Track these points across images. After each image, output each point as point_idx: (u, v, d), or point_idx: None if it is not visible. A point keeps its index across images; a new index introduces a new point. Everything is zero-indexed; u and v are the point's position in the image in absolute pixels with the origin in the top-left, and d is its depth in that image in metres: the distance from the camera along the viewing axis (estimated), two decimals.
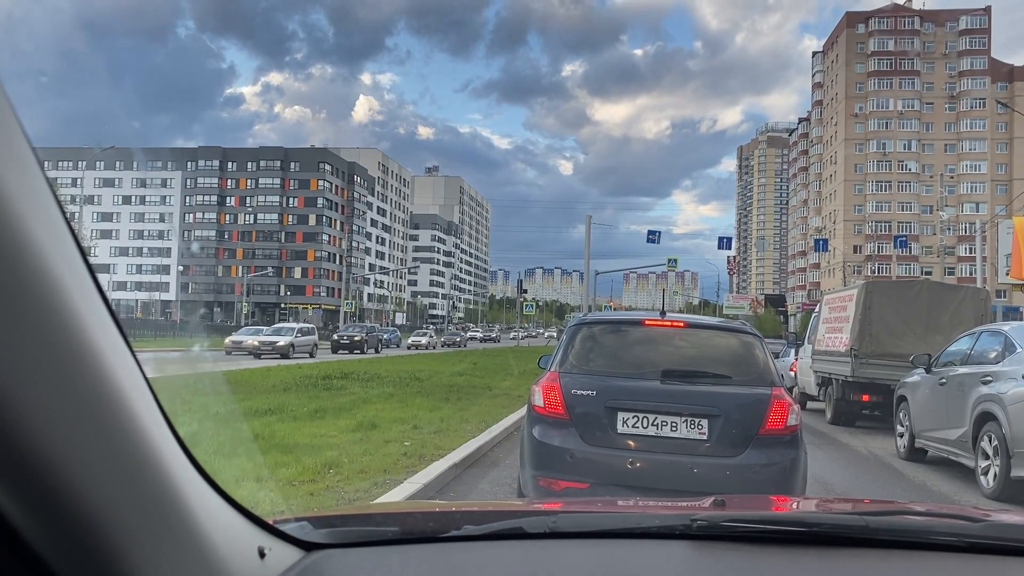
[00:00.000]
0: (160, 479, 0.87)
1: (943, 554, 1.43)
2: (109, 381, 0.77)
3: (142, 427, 0.83)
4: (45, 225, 0.68)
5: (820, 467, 8.98)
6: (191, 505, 0.93)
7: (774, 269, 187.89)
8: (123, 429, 0.80)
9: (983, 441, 8.12)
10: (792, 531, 1.46)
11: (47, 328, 0.69)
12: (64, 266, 0.71)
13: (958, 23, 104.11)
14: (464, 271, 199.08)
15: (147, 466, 0.84)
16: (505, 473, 7.93)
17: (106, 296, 0.80)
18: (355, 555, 1.36)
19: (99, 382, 0.76)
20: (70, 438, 0.73)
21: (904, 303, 13.96)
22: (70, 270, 0.72)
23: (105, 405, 0.77)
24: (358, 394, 14.67)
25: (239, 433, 8.95)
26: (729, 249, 51.92)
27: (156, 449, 0.86)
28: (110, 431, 0.79)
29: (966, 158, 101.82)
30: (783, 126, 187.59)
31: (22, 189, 0.65)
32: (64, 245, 0.72)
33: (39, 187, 0.69)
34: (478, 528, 1.49)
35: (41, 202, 0.68)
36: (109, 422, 0.78)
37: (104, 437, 0.78)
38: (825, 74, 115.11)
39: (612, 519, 1.66)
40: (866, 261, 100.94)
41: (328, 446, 8.45)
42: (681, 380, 5.12)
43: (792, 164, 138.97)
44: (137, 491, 0.84)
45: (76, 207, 61.53)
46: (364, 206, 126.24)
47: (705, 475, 4.80)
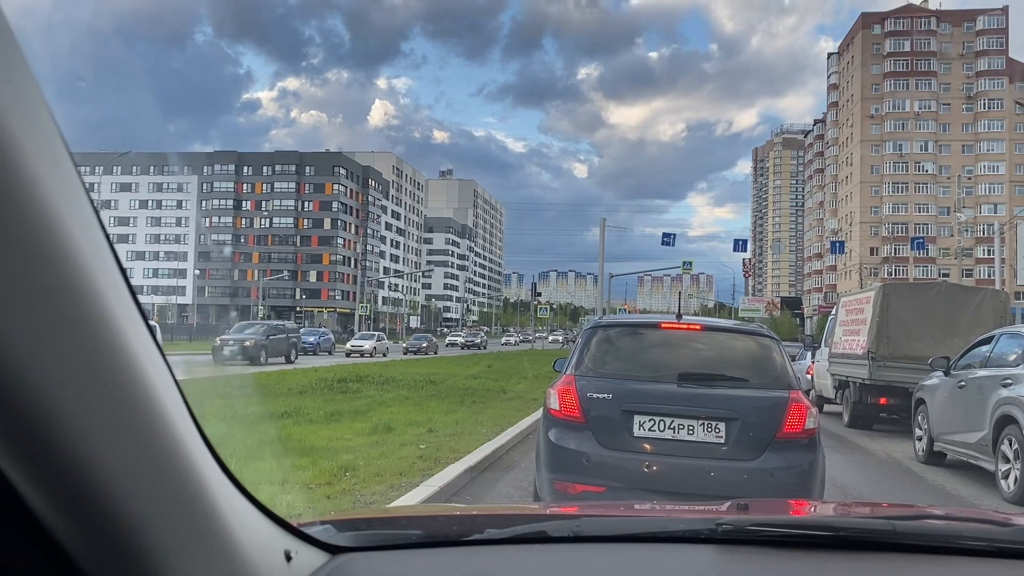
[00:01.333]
0: (190, 481, 0.87)
1: (971, 559, 1.42)
2: (143, 384, 0.78)
3: (174, 430, 0.84)
4: (83, 229, 0.69)
5: (838, 471, 8.93)
6: (220, 507, 0.93)
7: (790, 271, 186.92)
8: (156, 431, 0.81)
9: (1003, 444, 8.04)
10: (818, 535, 1.45)
11: (85, 331, 0.70)
12: (100, 270, 0.71)
13: (975, 23, 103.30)
14: (478, 274, 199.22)
15: (178, 468, 0.85)
16: (521, 476, 7.93)
17: (138, 300, 0.81)
18: (380, 559, 1.36)
19: (134, 384, 0.76)
20: (105, 440, 0.74)
21: (922, 305, 13.85)
22: (106, 274, 0.73)
23: (139, 408, 0.78)
24: (373, 397, 14.72)
25: (263, 435, 9.01)
26: (744, 251, 51.71)
27: (187, 452, 0.86)
28: (144, 433, 0.79)
29: (984, 159, 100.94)
30: (799, 128, 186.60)
31: (62, 193, 0.65)
32: (100, 248, 0.73)
33: (77, 191, 0.70)
34: (501, 532, 1.48)
35: (79, 206, 0.69)
36: (143, 424, 0.79)
37: (138, 439, 0.79)
38: (841, 75, 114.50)
39: (636, 523, 1.65)
40: (883, 263, 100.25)
41: (344, 449, 8.48)
42: (698, 383, 5.10)
43: (808, 166, 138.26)
44: (168, 493, 0.85)
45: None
46: (378, 210, 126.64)
47: (722, 479, 4.78)
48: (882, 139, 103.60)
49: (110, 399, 0.74)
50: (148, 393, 0.78)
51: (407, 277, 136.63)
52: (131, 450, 0.78)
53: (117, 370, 0.74)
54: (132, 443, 0.78)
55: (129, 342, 0.75)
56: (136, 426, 0.78)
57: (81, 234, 0.68)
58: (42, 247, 0.64)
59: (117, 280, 0.76)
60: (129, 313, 0.77)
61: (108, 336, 0.72)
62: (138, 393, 0.77)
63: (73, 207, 0.68)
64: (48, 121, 0.66)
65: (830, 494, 6.56)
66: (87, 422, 0.71)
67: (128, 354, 0.75)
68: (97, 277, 0.71)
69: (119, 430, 0.76)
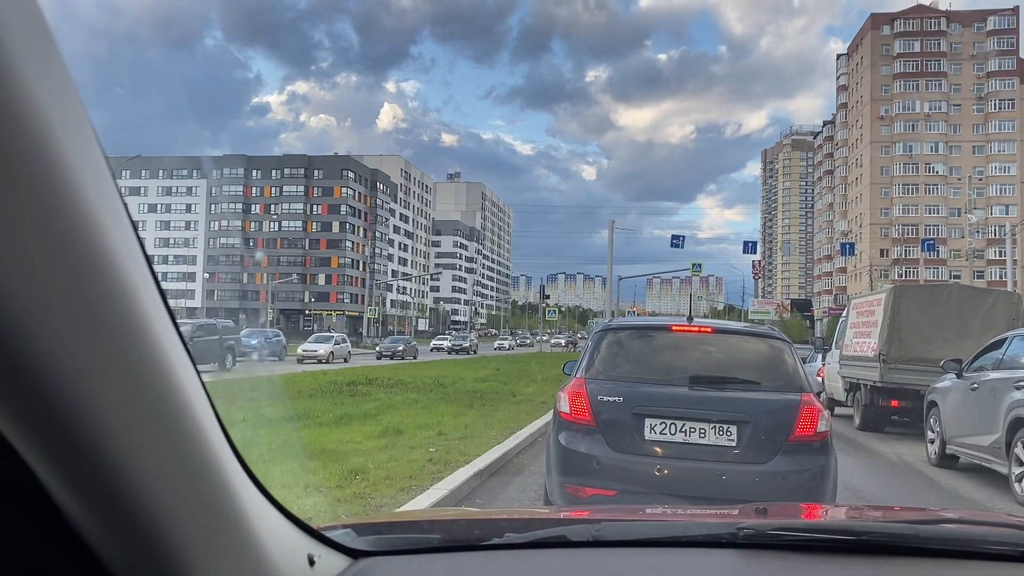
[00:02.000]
0: (217, 485, 0.88)
1: (996, 563, 1.41)
2: (177, 390, 0.79)
3: (203, 434, 0.85)
4: (119, 233, 0.70)
5: (849, 473, 8.87)
6: (245, 511, 0.94)
7: (800, 273, 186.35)
8: (187, 436, 0.82)
9: (1017, 447, 7.99)
10: (841, 540, 1.44)
11: (123, 337, 0.71)
12: (135, 274, 0.72)
13: (985, 24, 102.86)
14: (486, 277, 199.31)
15: (205, 471, 0.86)
16: (531, 480, 7.91)
17: (168, 304, 0.81)
18: (401, 563, 1.36)
19: (168, 390, 0.77)
20: (138, 445, 0.75)
21: (933, 307, 13.78)
22: (140, 278, 0.73)
23: (172, 413, 0.79)
24: (383, 400, 14.73)
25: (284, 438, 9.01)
26: (754, 253, 51.58)
27: (214, 455, 0.87)
28: (176, 438, 0.80)
29: (995, 160, 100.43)
30: (808, 129, 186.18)
31: (99, 197, 0.66)
32: (134, 253, 0.74)
33: (112, 195, 0.70)
34: (521, 536, 1.48)
35: (115, 210, 0.70)
36: (175, 430, 0.80)
37: (170, 444, 0.80)
38: (850, 76, 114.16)
39: (656, 527, 1.64)
40: (893, 265, 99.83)
41: (354, 452, 8.49)
42: (709, 386, 5.08)
43: (817, 167, 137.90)
44: (195, 496, 0.85)
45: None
46: (387, 213, 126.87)
47: (734, 482, 4.76)
48: (892, 140, 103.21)
49: (145, 405, 0.75)
50: (181, 399, 0.79)
51: (415, 280, 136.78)
52: (163, 454, 0.79)
53: (152, 376, 0.75)
54: (164, 448, 0.79)
55: (163, 348, 0.76)
56: (169, 431, 0.79)
57: (121, 242, 0.69)
58: (86, 256, 0.64)
59: (152, 288, 0.77)
60: (163, 320, 0.78)
61: (144, 342, 0.73)
62: (172, 399, 0.78)
63: (113, 215, 0.69)
64: (88, 128, 0.67)
65: (842, 497, 6.52)
66: (122, 426, 0.72)
67: (162, 360, 0.76)
68: (135, 285, 0.72)
69: (152, 435, 0.77)
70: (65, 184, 0.61)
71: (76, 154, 0.63)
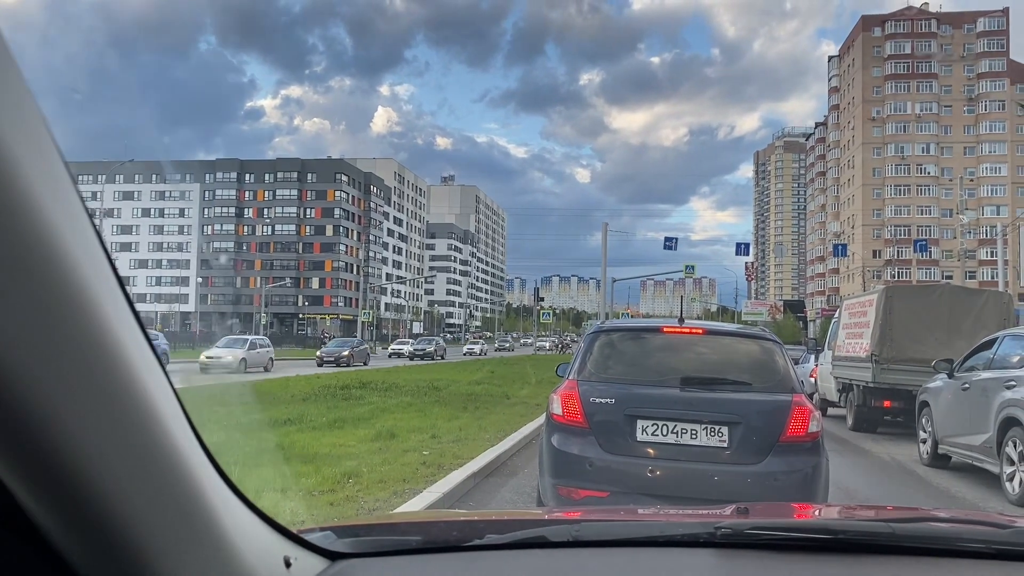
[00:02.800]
0: (188, 488, 0.88)
1: (971, 561, 1.42)
2: (139, 391, 0.78)
3: (170, 436, 0.84)
4: (76, 237, 0.69)
5: (842, 474, 8.90)
6: (218, 514, 0.94)
7: (792, 275, 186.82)
8: (153, 439, 0.81)
9: (1008, 447, 8.02)
10: (817, 538, 1.45)
11: (79, 339, 0.70)
12: (95, 278, 0.72)
13: (976, 25, 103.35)
14: (481, 280, 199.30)
15: (175, 475, 0.85)
16: (524, 482, 7.92)
17: (135, 308, 0.81)
18: (379, 564, 1.36)
19: (130, 392, 0.77)
20: (101, 446, 0.75)
21: (925, 308, 13.84)
22: (101, 282, 0.73)
23: (135, 415, 0.78)
24: (376, 404, 14.70)
25: (250, 442, 9.01)
26: (747, 255, 51.80)
27: (184, 459, 0.87)
28: (140, 441, 0.80)
29: (985, 161, 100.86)
30: (800, 131, 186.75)
31: (55, 201, 0.66)
32: (95, 257, 0.73)
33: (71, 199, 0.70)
34: (501, 537, 1.48)
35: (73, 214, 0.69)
36: (139, 432, 0.79)
37: (134, 447, 0.79)
38: (841, 78, 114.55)
39: (635, 527, 1.65)
40: (886, 266, 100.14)
41: (347, 456, 8.48)
42: (701, 387, 5.09)
43: (809, 169, 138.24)
44: (165, 499, 0.85)
45: (96, 220, 62.13)
46: (380, 216, 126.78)
47: (726, 483, 4.77)
48: (884, 142, 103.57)
49: (106, 407, 0.75)
50: (144, 400, 0.79)
51: (410, 283, 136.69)
52: (127, 456, 0.78)
53: (112, 378, 0.74)
54: (128, 449, 0.78)
55: (127, 352, 0.75)
56: (132, 433, 0.78)
57: (77, 244, 0.69)
58: (37, 258, 0.64)
59: (114, 289, 0.76)
60: (127, 324, 0.77)
61: (104, 344, 0.73)
62: (134, 400, 0.77)
63: (69, 217, 0.68)
64: (43, 132, 0.67)
65: (834, 497, 6.55)
66: (82, 428, 0.72)
67: (125, 364, 0.75)
68: (93, 286, 0.71)
69: (115, 436, 0.76)
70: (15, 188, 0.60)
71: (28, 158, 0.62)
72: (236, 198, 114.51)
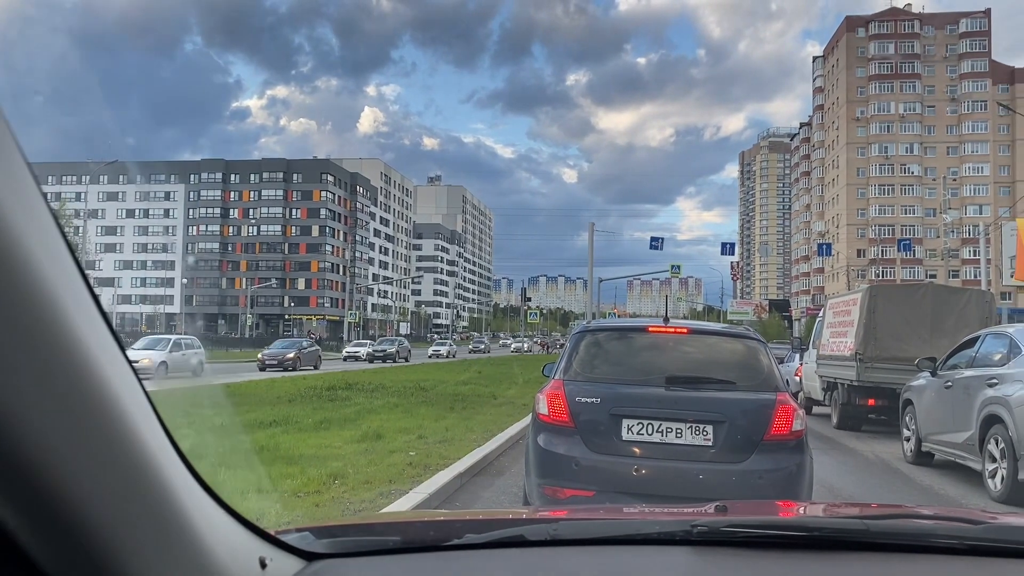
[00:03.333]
0: (158, 489, 0.87)
1: (945, 557, 1.43)
2: (106, 392, 0.77)
3: (139, 438, 0.83)
4: (40, 238, 0.69)
5: (826, 472, 8.95)
6: (190, 515, 0.93)
7: (778, 274, 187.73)
8: (120, 440, 0.80)
9: (990, 444, 8.09)
10: (793, 535, 1.46)
11: (42, 340, 0.69)
12: (60, 279, 0.71)
13: (958, 26, 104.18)
14: (468, 280, 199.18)
15: (144, 476, 0.84)
16: (511, 482, 7.92)
17: (103, 308, 0.81)
18: (357, 565, 1.36)
19: (95, 393, 0.76)
20: (66, 449, 0.74)
21: (908, 306, 13.93)
22: (65, 283, 0.72)
23: (102, 416, 0.77)
24: (363, 404, 14.67)
25: (241, 445, 8.97)
26: (732, 255, 52.00)
27: (154, 459, 0.86)
28: (107, 442, 0.79)
29: (968, 160, 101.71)
30: (785, 132, 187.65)
31: (16, 201, 0.65)
32: (59, 258, 0.72)
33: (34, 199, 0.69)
34: (479, 536, 1.48)
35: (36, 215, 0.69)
36: (106, 433, 0.78)
37: (101, 448, 0.78)
38: (826, 78, 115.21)
39: (613, 525, 1.66)
40: (870, 265, 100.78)
41: (333, 457, 8.45)
42: (685, 386, 5.11)
43: (794, 169, 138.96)
44: (134, 501, 0.84)
45: (80, 221, 61.75)
46: (367, 216, 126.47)
47: (711, 481, 4.79)
48: (868, 142, 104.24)
49: (72, 409, 0.74)
50: (111, 400, 0.78)
51: (396, 284, 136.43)
52: (95, 459, 0.78)
53: (79, 380, 0.74)
54: (96, 453, 0.78)
55: (91, 352, 0.75)
56: (98, 433, 0.78)
57: (39, 244, 0.68)
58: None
59: (78, 288, 0.75)
60: (92, 323, 0.76)
61: (69, 346, 0.72)
62: (100, 401, 0.77)
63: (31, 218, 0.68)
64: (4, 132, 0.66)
65: (819, 495, 6.59)
66: (46, 428, 0.71)
67: (90, 364, 0.75)
68: (54, 285, 0.70)
69: (82, 440, 0.76)
70: None
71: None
72: (221, 198, 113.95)
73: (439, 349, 62.38)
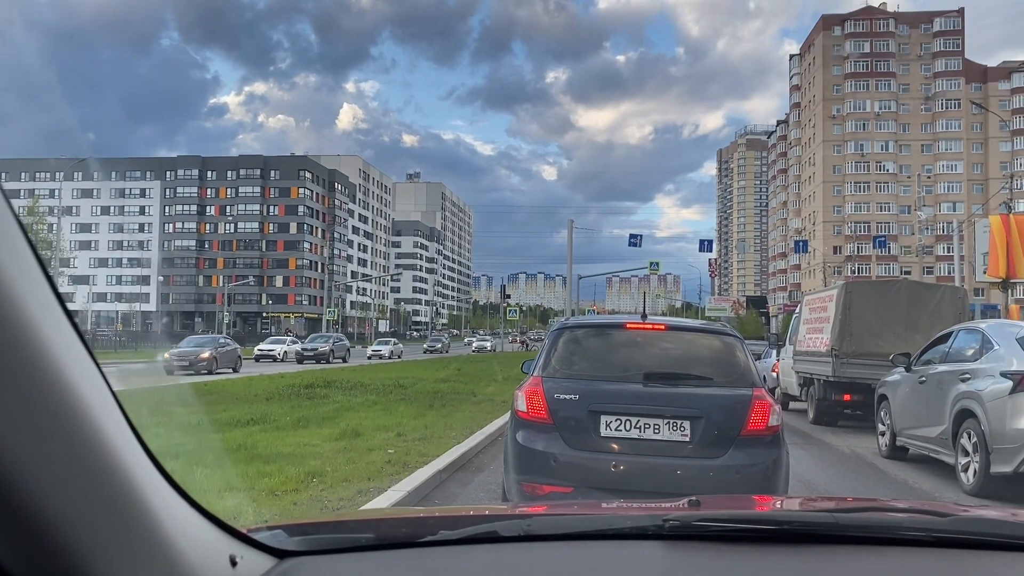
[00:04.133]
0: (123, 487, 0.86)
1: (912, 549, 1.46)
2: (69, 390, 0.76)
3: (105, 436, 0.82)
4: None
5: (803, 467, 9.04)
6: (157, 513, 0.92)
7: (755, 271, 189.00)
8: (84, 438, 0.79)
9: (963, 438, 8.20)
10: (764, 529, 1.47)
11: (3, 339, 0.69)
12: (19, 276, 0.70)
13: (932, 25, 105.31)
14: (447, 277, 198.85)
15: (110, 474, 0.84)
16: (490, 478, 7.93)
17: (66, 307, 0.80)
18: (328, 562, 1.35)
19: (59, 391, 0.75)
20: (27, 447, 0.73)
21: (883, 303, 14.07)
22: (25, 280, 0.71)
23: (65, 414, 0.77)
24: (341, 402, 14.60)
25: (210, 444, 8.90)
26: (710, 252, 52.25)
27: (119, 458, 0.85)
28: (71, 440, 0.78)
29: (942, 158, 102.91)
30: (763, 129, 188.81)
31: None
32: (18, 254, 0.72)
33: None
34: (453, 533, 1.49)
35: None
36: (69, 431, 0.78)
37: (65, 446, 0.78)
38: (803, 76, 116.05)
39: (586, 521, 1.67)
40: (846, 262, 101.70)
41: (311, 455, 8.41)
42: (663, 382, 5.13)
43: (771, 166, 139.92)
44: (99, 499, 0.83)
45: (54, 218, 60.93)
46: (345, 213, 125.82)
47: (688, 477, 4.82)
48: (844, 139, 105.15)
49: (35, 407, 0.73)
50: (76, 401, 0.77)
51: (375, 281, 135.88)
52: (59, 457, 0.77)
53: (41, 378, 0.73)
54: (60, 450, 0.77)
55: (54, 350, 0.74)
56: (64, 433, 0.77)
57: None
58: None
59: (40, 285, 0.75)
60: (55, 321, 0.75)
61: (30, 344, 0.71)
62: (66, 401, 0.76)
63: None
64: None
65: (795, 490, 6.64)
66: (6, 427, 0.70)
67: (53, 362, 0.74)
68: (16, 285, 0.70)
69: (45, 437, 0.75)
70: None
71: None
72: (198, 196, 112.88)
73: (380, 349, 53.72)
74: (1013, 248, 30.66)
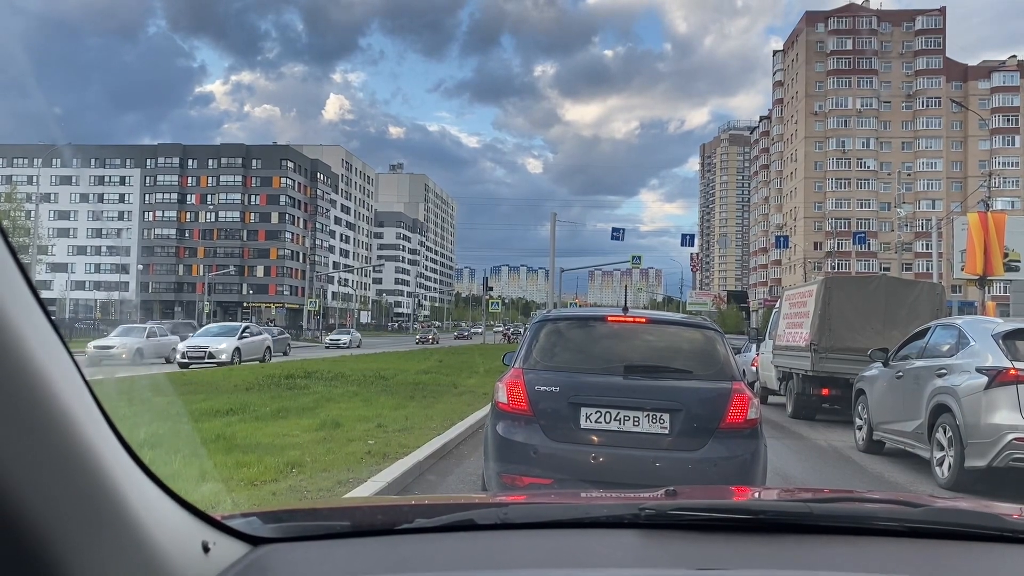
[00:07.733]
0: (95, 474, 0.86)
1: (884, 539, 1.47)
2: (40, 377, 0.76)
3: (76, 423, 0.82)
4: None
5: (781, 460, 9.12)
6: (129, 500, 0.92)
7: (736, 266, 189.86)
8: (55, 425, 0.79)
9: (938, 432, 8.29)
10: (739, 518, 1.48)
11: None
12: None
13: (914, 23, 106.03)
14: (430, 269, 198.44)
15: (81, 461, 0.83)
16: (471, 469, 7.93)
17: (38, 294, 0.79)
18: (302, 548, 1.35)
19: (29, 380, 0.75)
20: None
21: (862, 298, 14.18)
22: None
23: (36, 401, 0.76)
24: (321, 393, 14.54)
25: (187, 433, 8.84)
26: (692, 246, 52.50)
27: (91, 445, 0.85)
28: (42, 428, 0.78)
29: (922, 156, 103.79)
30: (746, 125, 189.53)
31: None
32: None
33: None
34: (429, 520, 1.48)
35: None
36: (40, 417, 0.77)
37: (35, 434, 0.77)
38: (786, 73, 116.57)
39: (562, 509, 1.67)
40: (826, 257, 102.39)
41: (291, 446, 8.38)
42: (643, 375, 5.16)
43: (754, 162, 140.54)
44: (70, 486, 0.83)
45: (32, 205, 60.24)
46: (328, 204, 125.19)
47: (667, 469, 4.85)
48: (825, 136, 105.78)
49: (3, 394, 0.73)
50: (47, 387, 0.77)
51: (357, 272, 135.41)
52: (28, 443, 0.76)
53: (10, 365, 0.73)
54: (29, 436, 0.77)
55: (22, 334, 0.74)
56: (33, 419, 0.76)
57: None
58: None
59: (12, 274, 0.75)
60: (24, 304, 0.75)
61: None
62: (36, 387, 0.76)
63: None
64: None
65: (772, 482, 6.69)
66: None
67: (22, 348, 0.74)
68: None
69: (13, 423, 0.75)
70: None
71: None
72: (179, 184, 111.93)
73: (339, 338, 52.17)
74: (990, 246, 31.00)
